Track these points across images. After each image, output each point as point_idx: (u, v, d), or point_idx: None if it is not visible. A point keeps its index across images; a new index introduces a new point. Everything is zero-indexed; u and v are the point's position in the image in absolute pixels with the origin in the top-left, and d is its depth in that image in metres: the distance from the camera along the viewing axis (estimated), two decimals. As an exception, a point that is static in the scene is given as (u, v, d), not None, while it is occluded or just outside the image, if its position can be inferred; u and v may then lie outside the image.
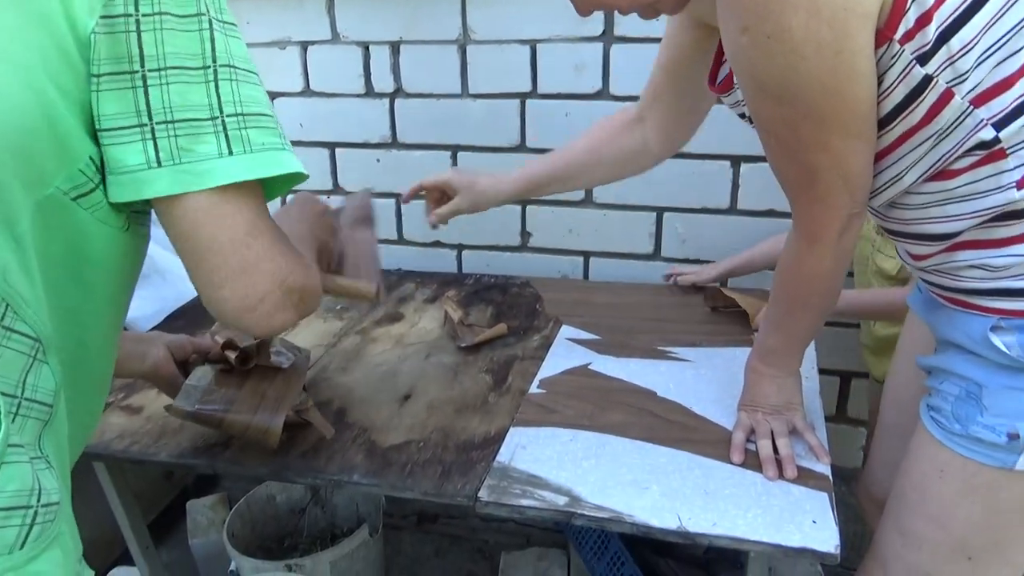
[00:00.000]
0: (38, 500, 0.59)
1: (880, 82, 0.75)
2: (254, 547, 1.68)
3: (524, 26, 1.59)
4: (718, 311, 1.48)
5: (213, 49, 0.62)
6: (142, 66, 0.60)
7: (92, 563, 0.78)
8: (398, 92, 1.73)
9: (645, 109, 1.26)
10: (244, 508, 1.71)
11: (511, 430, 1.10)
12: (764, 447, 1.00)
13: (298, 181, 0.69)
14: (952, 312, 0.87)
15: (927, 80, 0.72)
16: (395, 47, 1.69)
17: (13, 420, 0.60)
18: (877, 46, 0.72)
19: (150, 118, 0.60)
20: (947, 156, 0.76)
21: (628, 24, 1.53)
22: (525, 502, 0.95)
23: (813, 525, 0.88)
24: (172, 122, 0.61)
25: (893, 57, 0.72)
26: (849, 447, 1.76)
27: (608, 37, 1.56)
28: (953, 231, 0.81)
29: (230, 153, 0.62)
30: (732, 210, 1.63)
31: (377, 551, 1.69)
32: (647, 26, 1.51)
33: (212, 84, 0.62)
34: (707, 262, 1.68)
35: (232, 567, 1.70)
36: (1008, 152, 0.73)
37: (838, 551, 0.84)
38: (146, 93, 0.60)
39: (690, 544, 0.91)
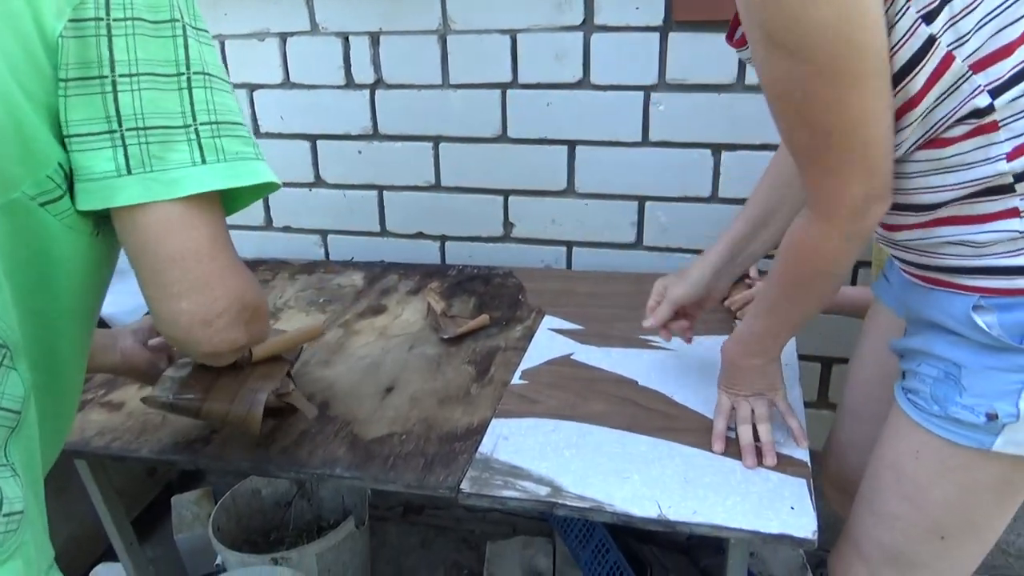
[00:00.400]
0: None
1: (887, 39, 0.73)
2: (240, 541, 1.68)
3: (504, 16, 1.59)
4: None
5: (187, 56, 0.61)
6: (112, 71, 0.58)
7: (76, 560, 0.77)
8: (379, 83, 1.72)
9: None
10: (229, 502, 1.71)
11: (493, 421, 1.11)
12: (744, 434, 1.00)
13: (265, 192, 0.68)
14: (929, 292, 0.87)
15: (931, 41, 0.71)
16: (375, 38, 1.68)
17: None
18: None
19: (120, 124, 0.59)
20: (941, 123, 0.75)
21: (608, 13, 1.53)
22: (507, 493, 0.95)
23: (791, 511, 0.89)
24: (143, 129, 0.59)
25: (899, 13, 0.71)
26: (825, 433, 1.77)
27: (588, 26, 1.55)
28: (938, 202, 0.79)
29: (203, 161, 0.61)
30: (713, 198, 1.63)
31: (363, 543, 1.70)
32: (627, 15, 1.52)
33: (185, 91, 0.61)
34: (690, 251, 1.69)
35: (218, 561, 1.70)
36: (1000, 124, 0.72)
37: (815, 536, 0.85)
38: (116, 99, 0.59)
39: (671, 531, 0.91)
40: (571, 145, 1.67)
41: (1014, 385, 0.78)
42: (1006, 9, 0.69)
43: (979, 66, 0.71)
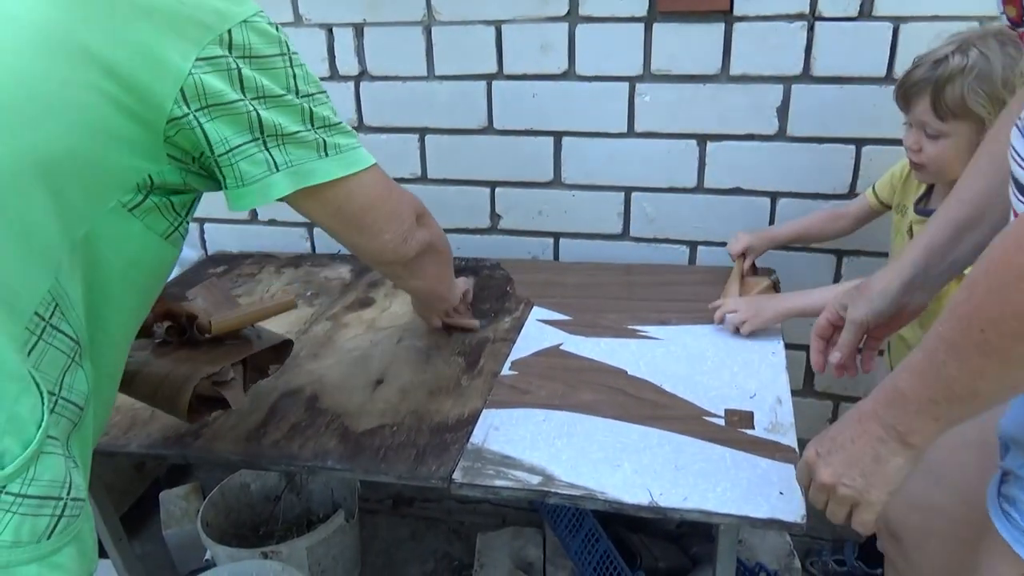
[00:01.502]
0: (68, 492, 0.62)
1: None
2: (229, 535, 1.68)
3: (488, 6, 1.58)
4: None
5: (295, 79, 0.78)
6: (244, 95, 0.73)
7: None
8: (363, 75, 1.71)
9: None
10: (218, 497, 1.70)
11: (484, 412, 1.11)
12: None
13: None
14: None
15: None
16: (359, 29, 1.67)
17: (51, 414, 0.62)
18: None
19: (262, 133, 0.74)
20: None
21: (593, 3, 1.53)
22: (499, 483, 0.96)
23: (780, 496, 0.90)
24: (282, 135, 0.76)
25: None
26: (816, 421, 1.80)
27: (573, 17, 1.55)
28: None
29: (326, 155, 0.80)
30: (699, 189, 1.64)
31: (354, 536, 1.70)
32: (612, 5, 1.52)
33: (299, 106, 0.77)
34: (676, 241, 1.70)
35: (207, 556, 1.69)
36: None
37: (804, 521, 0.86)
38: (258, 115, 0.73)
39: (662, 519, 0.92)
40: (557, 136, 1.67)
41: None
42: None
43: None
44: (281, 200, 0.79)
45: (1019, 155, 0.63)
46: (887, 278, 0.89)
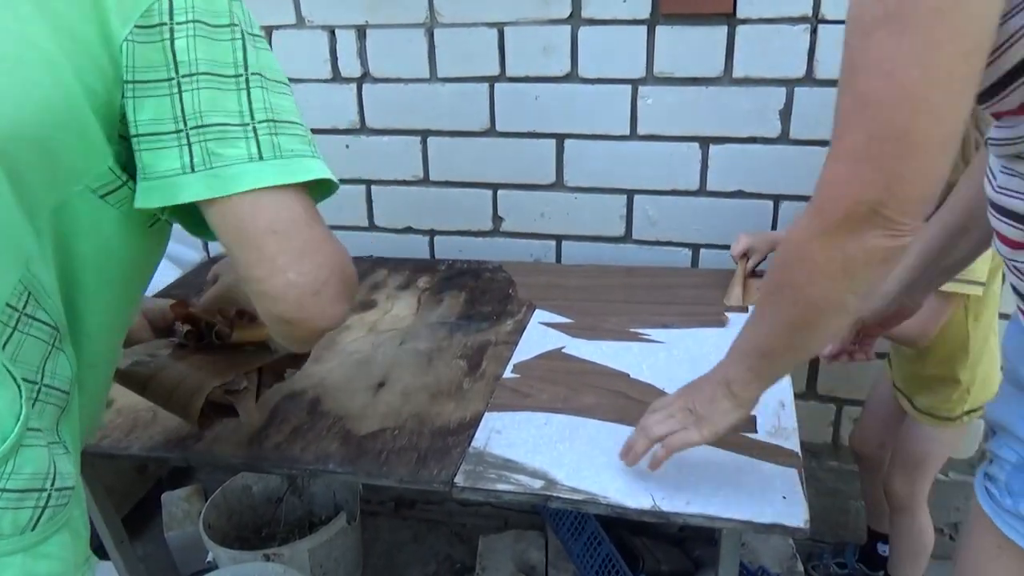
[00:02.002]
0: (52, 484, 0.61)
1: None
2: (231, 538, 1.68)
3: (491, 9, 1.58)
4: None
5: (245, 59, 0.64)
6: (176, 72, 0.61)
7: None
8: (365, 77, 1.71)
9: None
10: (220, 499, 1.70)
11: (486, 415, 1.11)
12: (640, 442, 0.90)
13: (330, 191, 0.70)
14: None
15: None
16: (361, 31, 1.67)
17: (33, 405, 0.62)
18: None
19: (185, 124, 0.61)
20: None
21: (596, 6, 1.53)
22: (501, 486, 0.95)
23: (783, 501, 0.90)
24: (203, 127, 0.61)
25: (1016, 9, 0.57)
26: (819, 423, 1.79)
27: (576, 19, 1.55)
28: None
29: (260, 158, 0.62)
30: (702, 191, 1.64)
31: (355, 538, 1.70)
32: (614, 8, 1.52)
33: (244, 92, 0.63)
34: (679, 244, 1.70)
35: (209, 558, 1.69)
36: None
37: (807, 525, 0.86)
38: (180, 99, 0.61)
39: (665, 523, 0.92)
40: (559, 139, 1.67)
41: None
42: None
43: None
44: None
45: (991, 171, 0.70)
46: (887, 281, 0.87)
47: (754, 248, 1.51)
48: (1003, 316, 1.39)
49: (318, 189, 0.68)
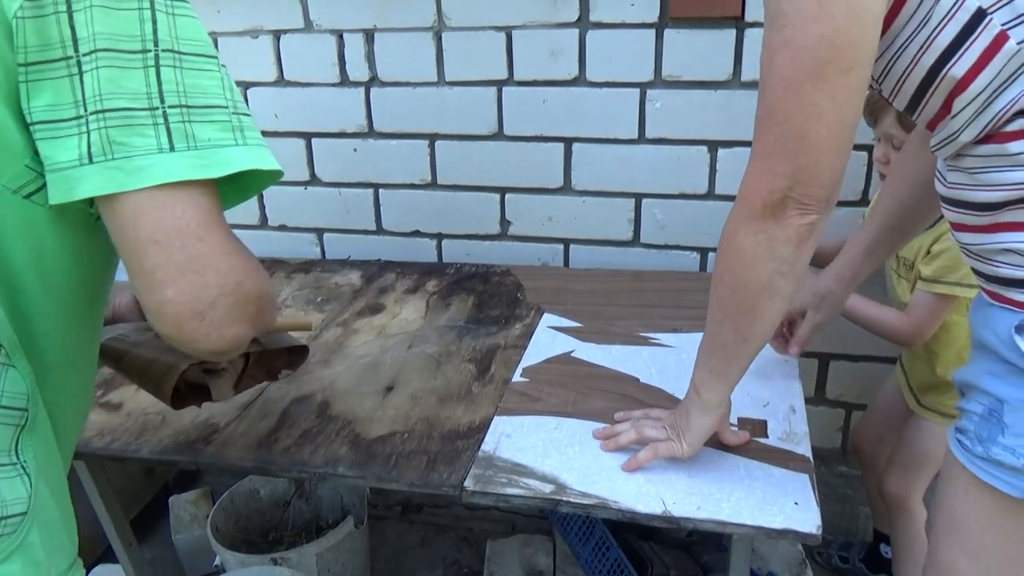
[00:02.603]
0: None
1: (925, 24, 0.69)
2: (239, 541, 1.68)
3: (499, 12, 1.58)
4: None
5: (155, 31, 0.55)
6: (75, 50, 0.53)
7: (75, 562, 0.77)
8: (373, 81, 1.71)
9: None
10: (228, 502, 1.70)
11: (495, 419, 1.11)
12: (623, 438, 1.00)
13: (270, 180, 0.63)
14: (986, 307, 0.77)
15: (979, 15, 0.65)
16: (369, 35, 1.67)
17: None
18: None
19: (84, 109, 0.53)
20: (1000, 115, 0.68)
21: (604, 9, 1.53)
22: (511, 491, 0.95)
23: (795, 507, 0.89)
24: (103, 112, 0.53)
25: None
26: (828, 429, 1.79)
27: (584, 23, 1.55)
28: (997, 201, 0.72)
29: (171, 148, 0.54)
30: (710, 195, 1.63)
31: (363, 542, 1.69)
32: (622, 11, 1.52)
33: (152, 70, 0.54)
34: (687, 248, 1.69)
35: (217, 562, 1.69)
36: None
37: (819, 531, 0.86)
38: (81, 81, 0.53)
39: (674, 528, 0.92)
40: (567, 142, 1.67)
41: None
42: None
43: None
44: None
45: (940, 173, 0.80)
46: (838, 276, 1.12)
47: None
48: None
49: (255, 179, 0.62)
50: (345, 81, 1.73)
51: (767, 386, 1.15)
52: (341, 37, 1.69)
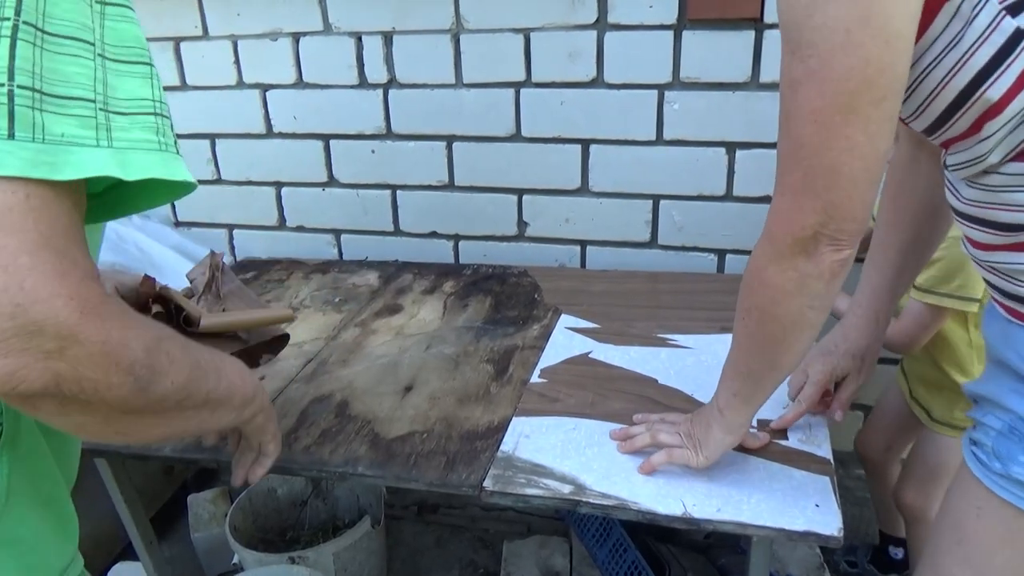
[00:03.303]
0: None
1: (957, 44, 0.65)
2: (256, 540, 1.69)
3: (517, 14, 1.59)
4: None
5: (18, 1, 0.47)
6: None
7: (95, 559, 0.76)
8: (391, 83, 1.72)
9: (910, 142, 1.02)
10: (245, 501, 1.71)
11: (514, 419, 1.11)
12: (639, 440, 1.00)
13: (177, 193, 0.56)
14: (1007, 325, 0.75)
15: (1019, 35, 0.62)
16: (388, 37, 1.68)
17: None
18: None
19: None
20: None
21: (622, 11, 1.52)
22: (530, 491, 0.95)
23: (816, 509, 0.89)
24: None
25: (977, 6, 0.63)
26: (845, 432, 1.77)
27: (602, 24, 1.55)
28: (1018, 222, 0.69)
29: (9, 135, 0.46)
30: (728, 196, 1.63)
31: (379, 542, 1.70)
32: (641, 13, 1.52)
33: (6, 40, 0.47)
34: (705, 249, 1.69)
35: (235, 560, 1.70)
36: None
37: (841, 534, 0.85)
38: None
39: (693, 529, 0.91)
40: (585, 144, 1.67)
41: None
42: None
43: None
44: None
45: (953, 186, 0.77)
46: (859, 329, 1.08)
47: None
48: None
49: (167, 188, 0.55)
50: (363, 83, 1.74)
51: (787, 387, 1.14)
52: (360, 39, 1.70)
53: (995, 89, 0.65)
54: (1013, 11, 0.61)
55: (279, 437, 0.93)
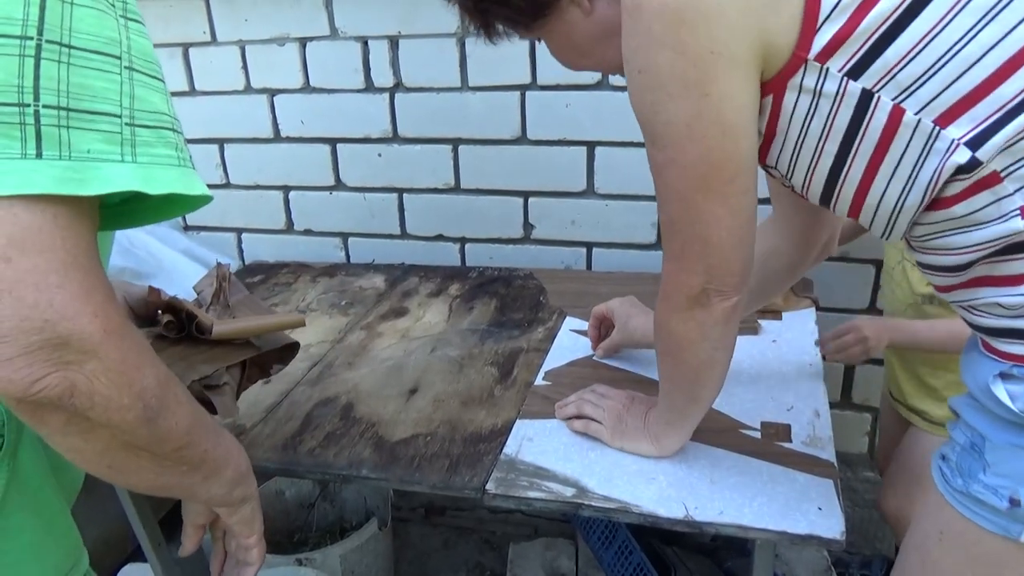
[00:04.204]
0: None
1: (816, 113, 0.70)
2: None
3: (523, 18, 1.59)
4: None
5: (41, 18, 0.47)
6: None
7: (104, 560, 0.77)
8: (398, 86, 1.73)
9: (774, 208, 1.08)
10: (253, 503, 1.72)
11: (517, 422, 1.11)
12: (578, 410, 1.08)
13: (198, 202, 0.57)
14: (973, 351, 0.76)
15: (867, 96, 0.66)
16: (394, 41, 1.69)
17: None
18: (792, 70, 0.68)
19: None
20: (932, 183, 0.67)
21: (627, 14, 1.52)
22: (533, 494, 0.95)
23: (819, 512, 0.88)
24: None
25: (818, 79, 0.68)
26: (854, 433, 1.76)
27: (607, 27, 1.55)
28: (963, 263, 0.71)
29: (37, 155, 0.47)
30: (734, 198, 1.62)
31: (386, 544, 1.71)
32: (646, 16, 1.51)
33: (30, 60, 0.47)
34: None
35: (243, 562, 1.71)
36: (1003, 175, 0.64)
37: (844, 537, 0.85)
38: None
39: (697, 532, 0.91)
40: (590, 146, 1.67)
41: None
42: (960, 50, 0.62)
43: (946, 119, 0.64)
44: None
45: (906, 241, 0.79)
46: (647, 327, 1.12)
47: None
48: None
49: (184, 201, 0.56)
50: (370, 87, 1.75)
51: (791, 390, 1.14)
52: (366, 44, 1.71)
53: (861, 153, 0.70)
54: (854, 75, 0.66)
55: (263, 542, 0.88)
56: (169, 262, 1.77)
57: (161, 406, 0.57)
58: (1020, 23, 0.61)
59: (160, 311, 0.94)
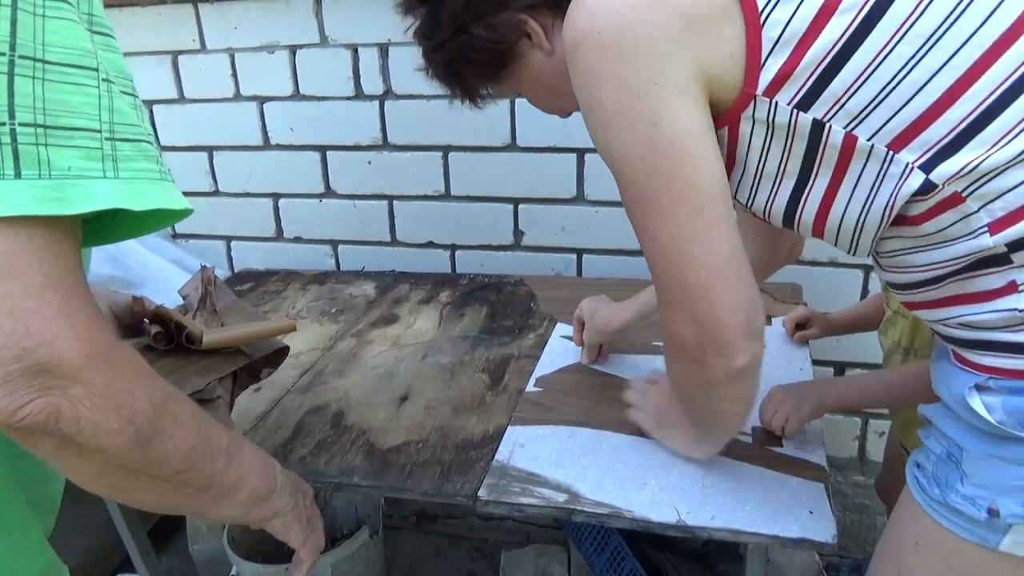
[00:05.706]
0: None
1: (772, 143, 0.70)
2: (255, 552, 1.68)
3: (512, 25, 1.59)
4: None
5: (12, 33, 0.46)
6: None
7: (93, 572, 0.76)
8: (388, 94, 1.73)
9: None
10: (244, 513, 1.71)
11: (509, 428, 1.11)
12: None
13: (174, 220, 0.56)
14: (944, 361, 0.76)
15: (819, 126, 0.66)
16: (384, 49, 1.69)
17: None
18: (743, 104, 0.68)
19: None
20: (890, 205, 0.67)
21: (616, 21, 1.53)
22: (525, 500, 0.95)
23: (810, 516, 0.89)
24: None
25: (769, 112, 0.68)
26: (844, 438, 1.77)
27: (596, 35, 1.56)
28: (930, 279, 0.71)
29: (16, 175, 0.46)
30: (723, 204, 1.63)
31: (378, 552, 1.70)
32: (634, 23, 1.52)
33: (3, 77, 0.45)
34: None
35: (233, 572, 1.70)
36: (965, 195, 0.63)
37: (835, 540, 0.85)
38: None
39: (689, 537, 0.92)
40: (580, 153, 1.67)
41: (1020, 481, 0.67)
42: (906, 76, 0.63)
43: (899, 143, 0.64)
44: None
45: (877, 263, 0.79)
46: (611, 320, 1.23)
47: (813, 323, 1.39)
48: None
49: (166, 215, 0.54)
50: (360, 94, 1.75)
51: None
52: (356, 51, 1.71)
53: (818, 184, 0.69)
54: (803, 107, 0.66)
55: (313, 543, 0.86)
56: (158, 271, 1.76)
57: (155, 430, 0.56)
58: (962, 47, 0.61)
59: (147, 321, 0.93)
